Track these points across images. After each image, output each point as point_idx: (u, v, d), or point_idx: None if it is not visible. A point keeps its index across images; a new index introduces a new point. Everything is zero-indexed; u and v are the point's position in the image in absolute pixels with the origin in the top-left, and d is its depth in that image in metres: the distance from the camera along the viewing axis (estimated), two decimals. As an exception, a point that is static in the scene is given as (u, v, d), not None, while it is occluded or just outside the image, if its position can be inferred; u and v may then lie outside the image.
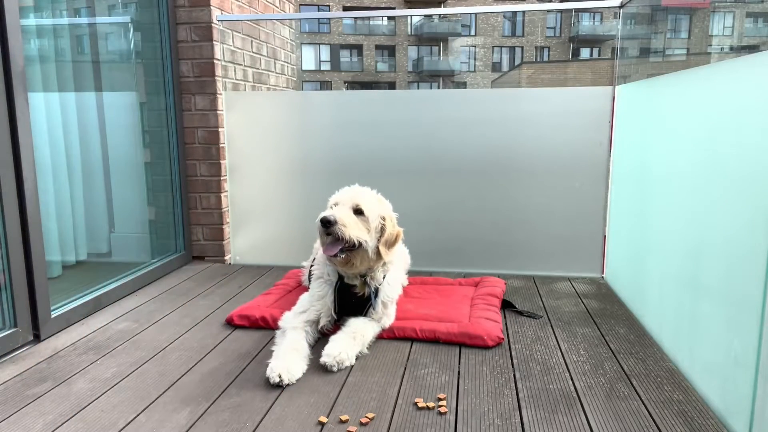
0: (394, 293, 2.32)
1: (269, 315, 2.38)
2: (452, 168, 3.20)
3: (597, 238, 3.13)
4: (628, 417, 1.65)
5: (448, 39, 37.45)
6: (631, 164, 2.66)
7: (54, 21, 2.76)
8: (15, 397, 1.80)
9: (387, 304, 2.25)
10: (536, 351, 2.14)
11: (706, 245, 1.76)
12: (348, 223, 2.06)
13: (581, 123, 3.05)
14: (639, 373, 1.94)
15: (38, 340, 2.26)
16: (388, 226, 2.19)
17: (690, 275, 1.88)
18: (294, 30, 4.90)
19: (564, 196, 3.13)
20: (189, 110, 3.36)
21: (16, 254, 2.16)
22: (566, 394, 1.80)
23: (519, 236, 3.20)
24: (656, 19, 28.95)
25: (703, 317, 1.77)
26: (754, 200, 1.46)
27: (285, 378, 1.84)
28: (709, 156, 1.76)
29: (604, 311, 2.58)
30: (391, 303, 2.29)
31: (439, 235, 3.26)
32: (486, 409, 1.71)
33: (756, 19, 32.80)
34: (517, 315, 2.54)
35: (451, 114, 3.17)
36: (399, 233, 2.26)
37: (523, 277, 3.16)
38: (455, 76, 37.30)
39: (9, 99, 2.11)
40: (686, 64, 18.82)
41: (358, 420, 1.63)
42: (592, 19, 36.98)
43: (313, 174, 3.29)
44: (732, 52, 30.27)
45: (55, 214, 2.56)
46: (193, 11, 3.27)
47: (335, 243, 2.07)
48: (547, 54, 37.41)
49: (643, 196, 2.42)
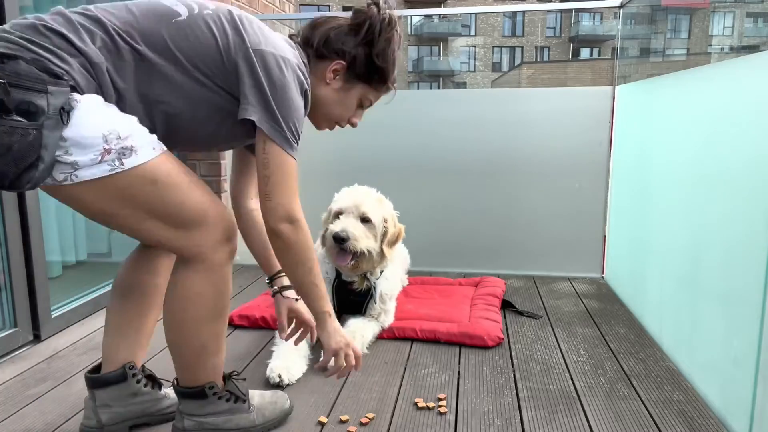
0: (393, 289, 2.34)
1: (269, 315, 2.38)
2: (452, 168, 3.20)
3: (597, 238, 3.13)
4: (628, 417, 1.65)
5: (448, 39, 37.47)
6: (631, 164, 2.66)
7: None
8: (15, 397, 1.80)
9: (386, 299, 2.26)
10: (536, 351, 2.14)
11: (706, 245, 1.76)
12: (359, 236, 2.10)
13: (581, 123, 3.05)
14: (639, 373, 1.94)
15: (38, 340, 2.26)
16: (390, 227, 2.22)
17: (690, 275, 1.88)
18: (294, 30, 4.90)
19: (564, 196, 3.13)
20: (189, 110, 3.36)
21: (16, 254, 2.16)
22: (566, 394, 1.80)
23: (519, 236, 3.20)
24: (656, 19, 28.97)
25: (703, 317, 1.77)
26: (755, 200, 1.46)
27: (285, 378, 1.84)
28: (709, 156, 1.76)
29: (604, 311, 2.58)
30: (390, 299, 2.29)
31: (438, 235, 3.26)
32: (486, 409, 1.71)
33: (756, 19, 32.83)
34: (517, 315, 2.54)
35: (451, 114, 3.17)
36: (401, 232, 2.29)
37: (523, 277, 3.16)
38: (455, 76, 37.32)
39: (9, 99, 2.11)
40: (686, 64, 18.84)
41: (358, 420, 1.63)
42: (592, 19, 37.00)
43: (313, 173, 3.29)
44: (732, 52, 30.29)
45: (55, 214, 2.56)
46: (193, 11, 3.27)
47: (346, 254, 2.12)
48: (547, 54, 37.43)
49: (643, 196, 2.43)
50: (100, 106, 1.18)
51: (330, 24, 1.47)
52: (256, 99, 1.27)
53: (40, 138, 1.09)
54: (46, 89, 1.09)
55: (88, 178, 1.16)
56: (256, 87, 1.27)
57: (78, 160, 1.15)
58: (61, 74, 1.13)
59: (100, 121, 1.16)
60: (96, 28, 1.21)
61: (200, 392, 1.44)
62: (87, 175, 1.16)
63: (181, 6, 1.29)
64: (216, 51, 1.27)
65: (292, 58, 1.34)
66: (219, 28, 1.28)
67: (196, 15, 1.28)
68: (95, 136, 1.15)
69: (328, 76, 1.46)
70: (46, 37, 1.16)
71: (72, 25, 1.19)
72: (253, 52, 1.27)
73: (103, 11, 1.24)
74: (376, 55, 1.44)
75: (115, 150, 1.17)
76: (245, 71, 1.27)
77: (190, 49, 1.25)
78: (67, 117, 1.13)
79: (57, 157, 1.14)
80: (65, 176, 1.16)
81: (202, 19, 1.28)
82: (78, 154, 1.15)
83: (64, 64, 1.15)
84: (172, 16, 1.26)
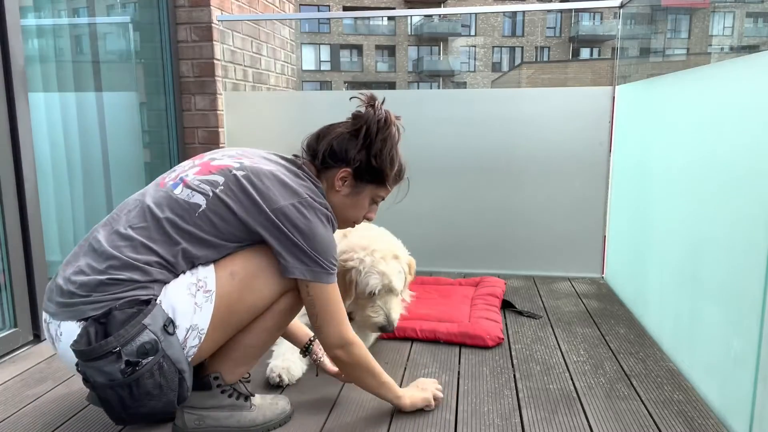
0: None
1: (269, 315, 2.37)
2: (452, 168, 3.20)
3: (597, 238, 3.13)
4: (628, 417, 1.65)
5: (448, 39, 37.47)
6: (631, 164, 2.66)
7: (54, 21, 2.76)
8: (15, 397, 1.80)
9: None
10: (536, 351, 2.14)
11: (706, 245, 1.76)
12: (398, 313, 2.04)
13: (581, 123, 3.05)
14: (639, 373, 1.94)
15: (38, 340, 2.26)
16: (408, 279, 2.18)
17: (690, 275, 1.88)
18: (294, 30, 4.90)
19: (564, 196, 3.13)
20: (189, 110, 3.36)
21: (16, 254, 2.16)
22: (566, 394, 1.80)
23: (519, 236, 3.20)
24: (656, 19, 28.96)
25: (703, 317, 1.77)
26: (755, 200, 1.46)
27: (285, 378, 1.84)
28: (709, 156, 1.76)
29: (604, 311, 2.58)
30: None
31: (438, 235, 3.26)
32: (486, 409, 1.71)
33: (756, 19, 32.82)
34: (517, 315, 2.54)
35: (451, 114, 3.17)
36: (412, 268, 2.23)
37: (523, 277, 3.16)
38: (455, 76, 37.31)
39: (9, 99, 2.11)
40: (686, 64, 18.84)
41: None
42: (592, 19, 37.00)
43: (313, 174, 3.29)
44: (732, 52, 30.29)
45: (55, 214, 2.56)
46: (193, 11, 3.27)
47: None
48: (547, 54, 37.43)
49: (643, 196, 2.43)
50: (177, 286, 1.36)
51: (332, 134, 1.55)
52: (292, 256, 1.40)
53: (170, 359, 1.29)
54: (145, 326, 1.26)
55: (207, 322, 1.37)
56: (289, 243, 1.39)
57: (193, 324, 1.35)
58: (149, 299, 1.30)
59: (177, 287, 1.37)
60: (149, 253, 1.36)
61: (206, 383, 1.49)
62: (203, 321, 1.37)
63: (198, 196, 1.39)
64: (239, 224, 1.40)
65: (306, 196, 1.42)
66: (235, 201, 1.39)
67: (212, 198, 1.39)
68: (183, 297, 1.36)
69: (337, 184, 1.54)
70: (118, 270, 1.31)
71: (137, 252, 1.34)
72: (273, 214, 1.37)
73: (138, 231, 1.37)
74: (373, 156, 1.52)
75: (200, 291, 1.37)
76: (272, 234, 1.39)
77: (216, 232, 1.39)
78: (173, 327, 1.31)
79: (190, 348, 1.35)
80: (198, 339, 1.36)
81: (218, 199, 1.39)
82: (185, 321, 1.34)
83: (148, 285, 1.32)
84: (195, 209, 1.38)
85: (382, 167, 1.54)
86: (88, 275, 1.31)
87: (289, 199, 1.39)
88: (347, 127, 1.55)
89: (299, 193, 1.42)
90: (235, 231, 1.40)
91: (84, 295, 1.29)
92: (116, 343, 1.23)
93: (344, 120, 1.59)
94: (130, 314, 1.26)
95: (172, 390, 1.31)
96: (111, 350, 1.23)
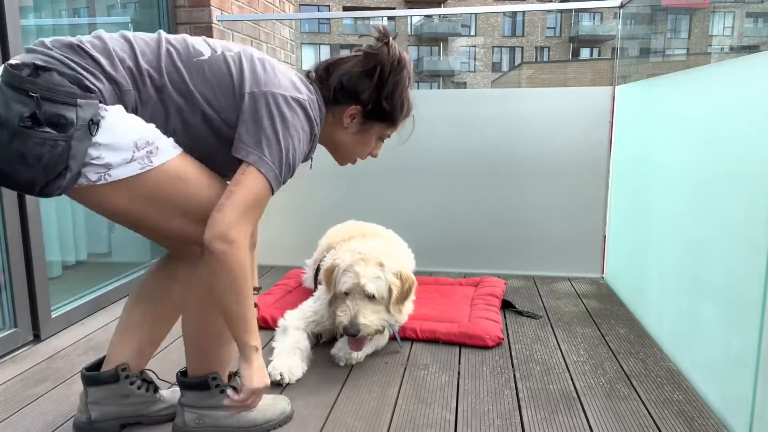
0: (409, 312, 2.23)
1: (269, 315, 2.38)
2: (452, 168, 3.20)
3: (597, 238, 3.13)
4: (628, 417, 1.65)
5: (448, 39, 37.49)
6: (631, 164, 2.66)
7: (54, 21, 2.76)
8: (15, 397, 1.80)
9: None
10: (536, 351, 2.14)
11: (706, 245, 1.76)
12: (370, 320, 1.94)
13: (581, 123, 3.05)
14: (639, 373, 1.94)
15: (38, 340, 2.26)
16: (395, 289, 2.00)
17: (690, 275, 1.88)
18: (294, 30, 4.90)
19: (564, 196, 3.13)
20: (189, 110, 3.36)
21: (16, 254, 2.16)
22: (566, 394, 1.80)
23: (519, 236, 3.20)
24: (656, 19, 28.98)
25: (703, 317, 1.77)
26: (754, 200, 1.46)
27: (286, 377, 1.85)
28: (709, 156, 1.76)
29: (604, 311, 2.58)
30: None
31: (438, 235, 3.26)
32: (486, 409, 1.71)
33: (756, 19, 32.83)
34: (517, 315, 2.54)
35: (451, 114, 3.17)
36: (411, 285, 2.07)
37: (523, 277, 3.16)
38: (455, 76, 37.33)
39: (9, 99, 2.11)
40: (686, 64, 18.85)
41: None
42: (592, 19, 37.02)
43: (313, 173, 3.29)
44: (732, 52, 30.30)
45: (55, 214, 2.56)
46: (193, 11, 3.27)
47: (361, 340, 1.97)
48: (547, 54, 37.44)
49: (643, 196, 2.43)
50: (127, 115, 1.25)
51: (342, 69, 1.48)
52: (253, 140, 1.30)
53: (69, 149, 1.16)
54: (76, 102, 1.16)
55: (121, 177, 1.23)
56: (253, 123, 1.30)
57: (111, 161, 1.21)
58: (92, 89, 1.20)
59: (129, 126, 1.23)
60: (128, 57, 1.27)
61: (203, 383, 1.48)
62: (120, 173, 1.23)
63: (205, 47, 1.35)
64: (229, 85, 1.32)
65: (305, 100, 1.37)
66: (237, 66, 1.33)
67: (218, 56, 1.34)
68: (126, 140, 1.22)
69: (346, 121, 1.50)
70: (81, 58, 1.22)
71: (107, 51, 1.25)
72: (263, 92, 1.32)
73: (137, 39, 1.31)
74: (384, 97, 1.48)
75: (144, 150, 1.23)
76: (247, 108, 1.31)
77: (203, 84, 1.31)
78: (96, 128, 1.20)
79: (90, 160, 1.20)
80: (99, 176, 1.22)
81: (222, 58, 1.34)
82: (110, 156, 1.21)
83: (97, 82, 1.22)
84: (195, 55, 1.33)
85: (393, 108, 1.50)
86: (66, 36, 1.26)
87: (290, 92, 1.34)
88: (358, 64, 1.46)
89: (301, 93, 1.36)
90: (218, 94, 1.31)
91: (48, 47, 1.21)
92: (39, 90, 1.13)
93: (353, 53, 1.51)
94: (67, 85, 1.17)
95: (45, 172, 1.16)
96: (30, 90, 1.12)
